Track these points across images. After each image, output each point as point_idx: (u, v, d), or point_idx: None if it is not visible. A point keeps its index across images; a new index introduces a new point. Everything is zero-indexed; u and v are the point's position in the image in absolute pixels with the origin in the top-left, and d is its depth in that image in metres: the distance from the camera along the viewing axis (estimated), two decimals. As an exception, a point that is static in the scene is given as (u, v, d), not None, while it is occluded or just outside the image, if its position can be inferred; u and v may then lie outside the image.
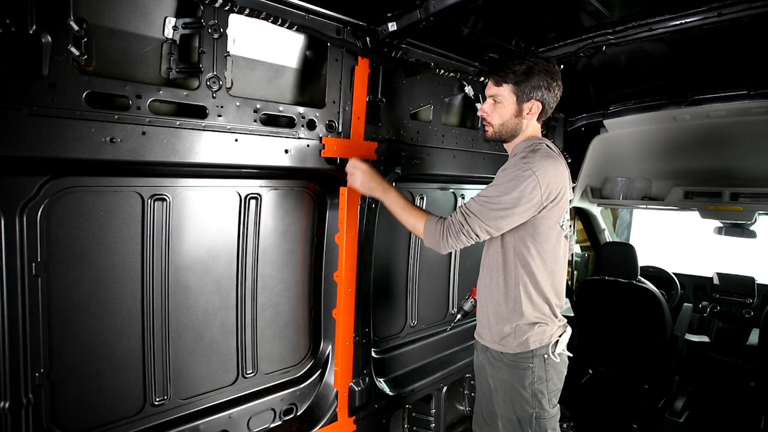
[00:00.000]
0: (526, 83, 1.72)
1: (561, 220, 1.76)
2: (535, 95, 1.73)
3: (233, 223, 1.90)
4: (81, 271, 1.54)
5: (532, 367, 1.78)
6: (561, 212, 1.74)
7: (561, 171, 1.71)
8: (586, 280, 3.64)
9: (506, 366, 1.83)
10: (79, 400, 1.58)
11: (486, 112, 1.81)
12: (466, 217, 1.67)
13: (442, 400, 2.80)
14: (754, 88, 2.57)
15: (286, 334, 2.17)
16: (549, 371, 1.79)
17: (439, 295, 2.95)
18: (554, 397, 1.83)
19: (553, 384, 1.81)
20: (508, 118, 1.78)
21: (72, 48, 1.30)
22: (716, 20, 1.88)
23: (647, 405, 3.40)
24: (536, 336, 1.77)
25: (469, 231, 1.66)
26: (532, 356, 1.78)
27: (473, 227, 1.65)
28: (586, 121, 3.32)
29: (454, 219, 1.70)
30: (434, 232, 1.72)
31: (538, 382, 1.78)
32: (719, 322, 3.88)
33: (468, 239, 1.68)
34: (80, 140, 1.33)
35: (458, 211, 1.71)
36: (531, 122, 1.80)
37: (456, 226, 1.68)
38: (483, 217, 1.65)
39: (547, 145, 1.76)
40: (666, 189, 3.32)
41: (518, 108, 1.76)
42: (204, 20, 1.54)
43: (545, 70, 1.71)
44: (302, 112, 1.87)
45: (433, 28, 1.87)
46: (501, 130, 1.81)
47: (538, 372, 1.78)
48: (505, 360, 1.83)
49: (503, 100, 1.76)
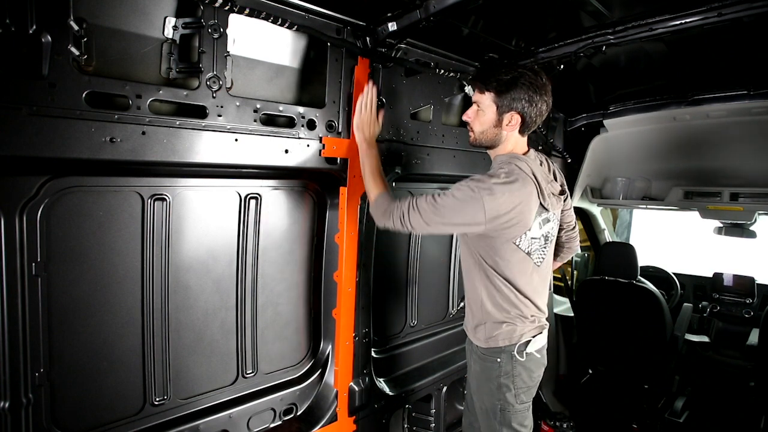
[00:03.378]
0: (506, 94, 1.70)
1: (517, 240, 1.74)
2: (515, 107, 1.71)
3: (233, 223, 1.90)
4: (81, 270, 1.54)
5: (499, 362, 1.85)
6: (518, 232, 1.73)
7: (519, 196, 1.67)
8: (586, 280, 3.64)
9: (479, 358, 1.93)
10: (79, 399, 1.58)
11: (469, 117, 1.84)
12: (411, 209, 1.71)
13: (442, 399, 2.80)
14: (754, 88, 2.57)
15: (286, 334, 2.16)
16: (517, 368, 1.84)
17: (440, 294, 2.95)
18: (522, 393, 1.86)
19: (521, 381, 1.85)
20: (487, 127, 1.78)
21: (72, 48, 1.30)
22: (716, 20, 1.88)
23: (647, 405, 3.40)
24: (505, 334, 1.84)
25: (408, 221, 1.71)
26: (501, 352, 1.85)
27: (413, 219, 1.71)
28: (586, 121, 3.32)
29: (402, 205, 1.74)
30: (380, 206, 1.79)
31: (504, 377, 1.84)
32: (719, 322, 3.88)
33: (404, 227, 1.73)
34: (80, 140, 1.33)
35: (409, 200, 1.74)
36: (512, 134, 1.78)
37: (398, 211, 1.73)
38: (425, 215, 1.69)
39: (518, 166, 1.72)
40: (666, 189, 3.32)
41: (497, 118, 1.75)
42: (204, 20, 1.54)
43: (530, 83, 1.69)
44: (302, 112, 1.87)
45: (433, 28, 1.87)
46: (481, 138, 1.82)
47: (505, 367, 1.84)
48: (479, 353, 1.93)
49: (485, 108, 1.76)
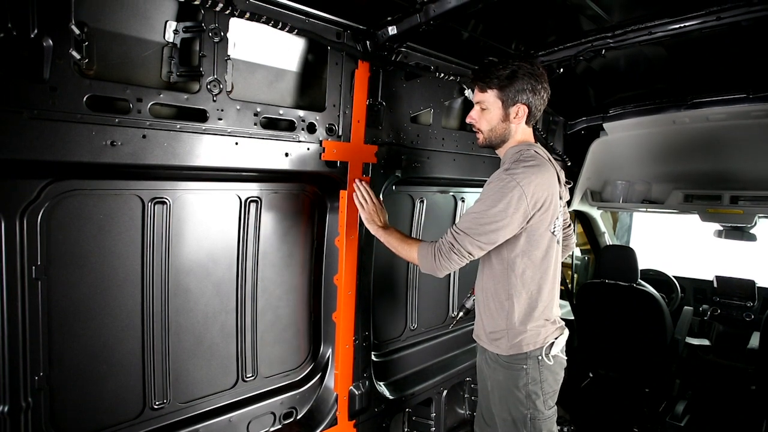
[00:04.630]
0: (510, 87, 1.71)
1: (551, 226, 1.75)
2: (521, 99, 1.72)
3: (233, 226, 1.90)
4: (81, 274, 1.54)
5: (526, 368, 1.78)
6: (551, 218, 1.73)
7: (547, 178, 1.69)
8: (586, 283, 3.63)
9: (501, 367, 1.83)
10: (79, 403, 1.57)
11: (474, 119, 1.82)
12: (456, 236, 1.66)
13: (443, 403, 2.80)
14: (753, 92, 2.58)
15: (286, 338, 2.16)
16: (543, 373, 1.79)
17: (440, 298, 2.94)
18: (550, 398, 1.83)
19: (548, 385, 1.81)
20: (495, 124, 1.77)
21: (73, 52, 1.30)
22: (715, 24, 1.89)
23: (648, 409, 3.39)
24: (530, 339, 1.77)
25: (460, 249, 1.65)
26: (526, 358, 1.78)
27: (464, 245, 1.64)
28: (586, 125, 3.33)
29: (444, 240, 1.69)
30: (427, 256, 1.72)
31: (533, 384, 1.78)
32: (720, 325, 3.87)
33: (460, 258, 1.66)
34: (81, 143, 1.34)
35: (448, 232, 1.69)
36: (519, 126, 1.79)
37: (446, 246, 1.67)
38: (473, 233, 1.63)
39: (535, 151, 1.75)
40: (666, 192, 3.33)
41: (504, 113, 1.75)
42: (204, 24, 1.54)
43: (529, 73, 1.70)
44: (302, 116, 1.87)
45: (433, 32, 1.88)
46: (490, 136, 1.81)
47: (533, 373, 1.78)
48: (500, 361, 1.83)
49: (489, 106, 1.76)
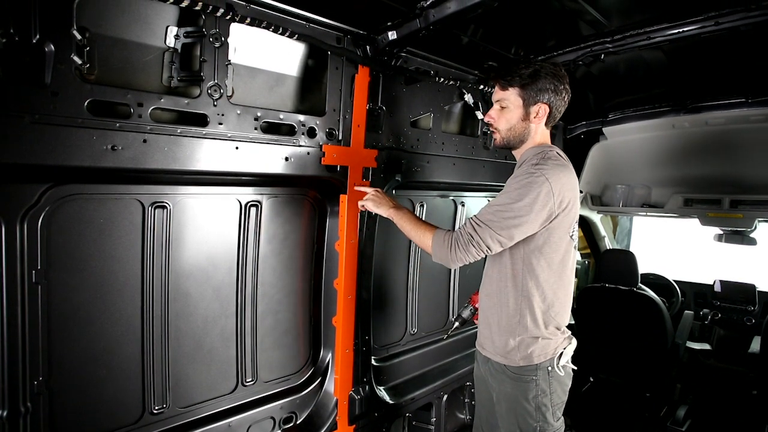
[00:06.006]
0: (532, 86, 1.66)
1: (571, 230, 1.70)
2: (542, 98, 1.68)
3: (233, 230, 1.91)
4: (81, 278, 1.54)
5: (536, 380, 1.72)
6: (571, 221, 1.69)
7: (572, 180, 1.65)
8: (587, 287, 3.63)
9: (509, 379, 1.76)
10: (78, 408, 1.57)
11: (493, 118, 1.76)
12: (476, 227, 1.58)
13: (443, 408, 2.78)
14: (752, 96, 2.59)
15: (286, 342, 2.16)
16: (553, 384, 1.73)
17: (440, 302, 2.94)
18: (558, 410, 1.78)
19: (557, 397, 1.76)
20: (515, 123, 1.72)
21: (74, 57, 1.31)
22: (714, 29, 1.90)
23: (649, 413, 3.37)
24: (541, 350, 1.71)
25: (480, 242, 1.57)
26: (536, 369, 1.72)
27: (484, 238, 1.56)
28: (586, 129, 3.34)
29: (463, 230, 1.61)
30: (442, 245, 1.64)
31: (542, 396, 1.72)
32: (720, 329, 3.85)
33: (478, 251, 1.58)
34: (82, 148, 1.34)
35: (467, 222, 1.62)
36: (539, 127, 1.74)
37: (465, 237, 1.59)
38: (495, 226, 1.56)
39: (557, 153, 1.70)
40: (666, 196, 3.33)
41: (525, 112, 1.70)
42: (205, 29, 1.55)
43: (552, 73, 1.67)
44: (302, 120, 1.88)
45: (433, 37, 1.88)
46: (508, 136, 1.74)
47: (542, 385, 1.72)
48: (508, 373, 1.76)
49: (509, 104, 1.71)
